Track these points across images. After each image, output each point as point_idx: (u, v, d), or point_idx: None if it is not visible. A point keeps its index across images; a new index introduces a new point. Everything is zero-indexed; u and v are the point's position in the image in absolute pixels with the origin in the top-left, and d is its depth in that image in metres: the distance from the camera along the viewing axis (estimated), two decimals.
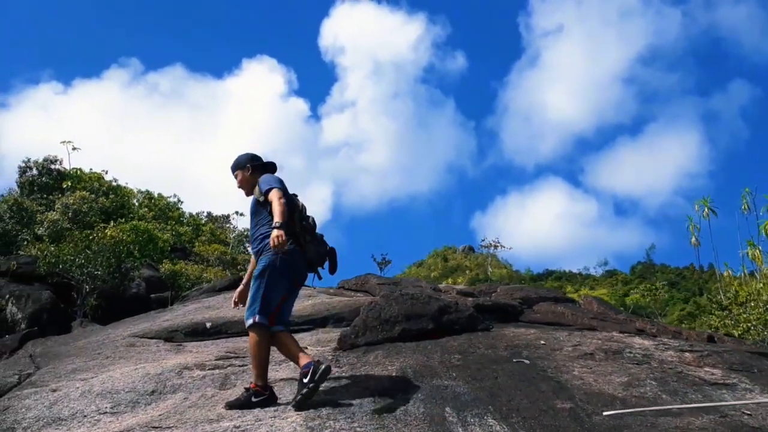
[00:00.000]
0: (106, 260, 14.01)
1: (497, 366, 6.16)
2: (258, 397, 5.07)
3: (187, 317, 10.17)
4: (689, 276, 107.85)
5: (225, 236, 27.93)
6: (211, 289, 15.34)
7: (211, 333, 9.08)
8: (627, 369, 6.20)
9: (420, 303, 7.81)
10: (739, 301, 18.38)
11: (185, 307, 11.77)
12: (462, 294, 11.34)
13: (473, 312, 8.10)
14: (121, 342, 8.52)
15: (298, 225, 5.53)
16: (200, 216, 29.75)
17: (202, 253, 22.37)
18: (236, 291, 5.87)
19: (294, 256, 5.41)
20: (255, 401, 5.04)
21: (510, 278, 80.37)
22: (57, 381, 6.37)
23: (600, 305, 11.08)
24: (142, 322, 10.49)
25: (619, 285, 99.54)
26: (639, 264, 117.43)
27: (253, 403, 5.03)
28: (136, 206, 23.83)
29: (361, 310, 7.79)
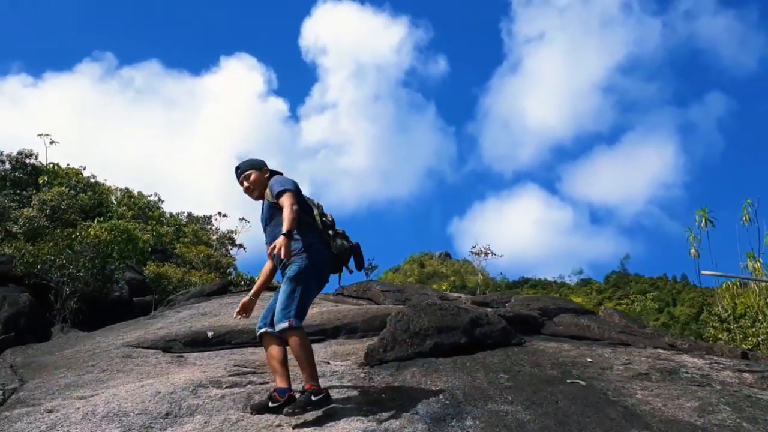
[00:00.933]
0: (89, 261, 13.11)
1: (553, 388, 5.51)
2: (317, 395, 4.77)
3: (183, 325, 9.39)
4: (663, 286, 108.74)
5: (208, 238, 27.07)
6: (200, 294, 14.54)
7: (213, 343, 8.31)
8: (692, 392, 5.59)
9: (450, 314, 7.14)
10: (737, 314, 17.97)
11: (178, 313, 10.97)
12: (477, 304, 10.67)
13: (506, 325, 7.44)
14: (116, 352, 7.71)
15: (320, 221, 5.29)
16: (180, 216, 28.85)
17: (185, 255, 21.51)
18: (241, 302, 5.32)
19: (323, 257, 5.16)
20: (315, 399, 4.74)
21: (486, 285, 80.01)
22: (51, 399, 5.57)
23: (621, 318, 10.50)
24: (133, 330, 9.67)
25: (594, 294, 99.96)
26: (613, 273, 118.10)
27: (314, 402, 4.74)
28: (115, 204, 22.85)
29: (388, 322, 7.09)
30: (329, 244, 5.22)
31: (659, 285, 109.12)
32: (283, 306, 4.84)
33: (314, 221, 5.23)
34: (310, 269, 4.98)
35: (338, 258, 5.28)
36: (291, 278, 4.90)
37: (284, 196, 5.00)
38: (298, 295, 4.87)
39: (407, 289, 12.93)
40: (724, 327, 17.82)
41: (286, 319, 4.77)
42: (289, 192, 5.04)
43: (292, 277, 4.90)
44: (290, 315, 4.79)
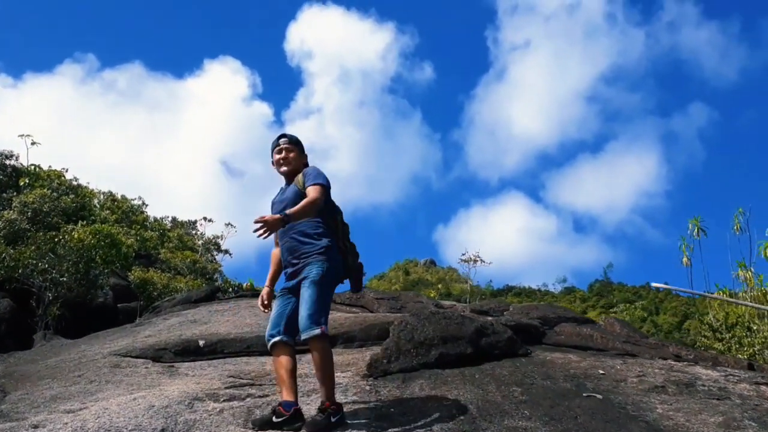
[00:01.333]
0: (73, 266, 12.68)
1: (570, 402, 5.23)
2: (336, 416, 4.51)
3: (173, 333, 9.04)
4: (645, 295, 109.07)
5: (193, 243, 26.62)
6: (187, 301, 14.15)
7: (205, 352, 7.97)
8: (713, 406, 5.34)
9: (455, 323, 6.85)
10: (729, 323, 17.84)
11: (166, 320, 10.60)
12: (476, 312, 10.39)
13: (512, 335, 7.16)
14: (103, 362, 7.35)
15: (340, 230, 5.03)
16: (164, 221, 28.37)
17: (169, 260, 21.07)
18: (264, 293, 5.08)
19: (339, 263, 4.90)
20: (335, 420, 4.49)
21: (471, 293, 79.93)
22: (36, 413, 5.21)
23: (623, 327, 10.25)
24: (120, 338, 9.30)
25: (578, 302, 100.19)
26: (597, 282, 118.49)
27: (334, 423, 4.47)
28: (98, 208, 22.35)
29: (391, 331, 6.80)
30: (344, 253, 4.97)
31: (642, 294, 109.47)
32: (312, 311, 4.51)
33: (336, 226, 4.97)
34: (331, 272, 4.73)
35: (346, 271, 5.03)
36: (316, 282, 4.60)
37: (316, 187, 4.74)
38: (324, 300, 4.61)
39: (402, 297, 12.63)
40: (716, 336, 17.67)
41: (318, 325, 4.48)
42: (322, 187, 4.79)
43: (317, 281, 4.61)
44: (322, 321, 4.51)
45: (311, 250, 4.74)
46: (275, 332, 4.73)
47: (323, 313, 4.58)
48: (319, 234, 4.80)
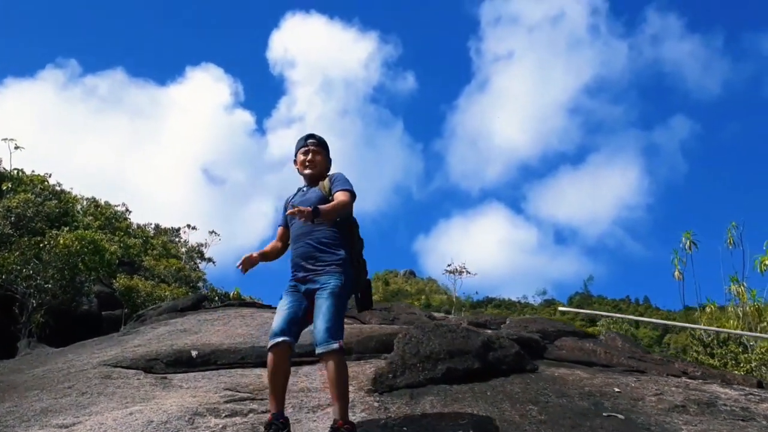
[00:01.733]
0: (58, 272, 12.31)
1: (591, 422, 5.00)
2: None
3: (163, 343, 8.71)
4: (625, 308, 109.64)
5: (176, 251, 26.21)
6: (173, 309, 13.78)
7: (198, 363, 7.66)
8: (741, 428, 5.16)
9: (461, 337, 6.62)
10: (721, 338, 17.74)
11: (155, 329, 10.25)
12: (475, 325, 10.14)
13: (519, 349, 6.92)
14: (93, 372, 7.02)
15: (356, 244, 4.85)
16: (148, 228, 27.93)
17: (153, 268, 20.68)
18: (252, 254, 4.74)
19: (352, 278, 4.71)
20: None
21: (450, 304, 79.76)
22: (26, 427, 4.91)
23: (624, 342, 10.04)
24: (108, 347, 8.96)
25: (557, 315, 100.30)
26: (577, 294, 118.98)
27: None
28: (81, 214, 21.92)
29: (396, 344, 6.54)
30: (357, 269, 4.76)
31: (622, 307, 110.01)
32: (330, 324, 4.29)
33: (352, 239, 4.78)
34: (348, 286, 4.57)
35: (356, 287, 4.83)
36: (335, 294, 4.42)
37: (345, 193, 4.63)
38: (342, 314, 4.45)
39: (394, 308, 12.37)
40: (707, 351, 17.56)
41: (336, 340, 4.26)
42: (352, 194, 4.68)
43: (337, 293, 4.43)
44: (340, 336, 4.31)
45: (329, 260, 4.56)
46: (286, 330, 4.43)
47: (341, 327, 4.39)
48: (337, 245, 4.63)
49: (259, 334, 9.35)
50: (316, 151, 4.87)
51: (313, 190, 4.79)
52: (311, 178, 4.86)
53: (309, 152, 4.86)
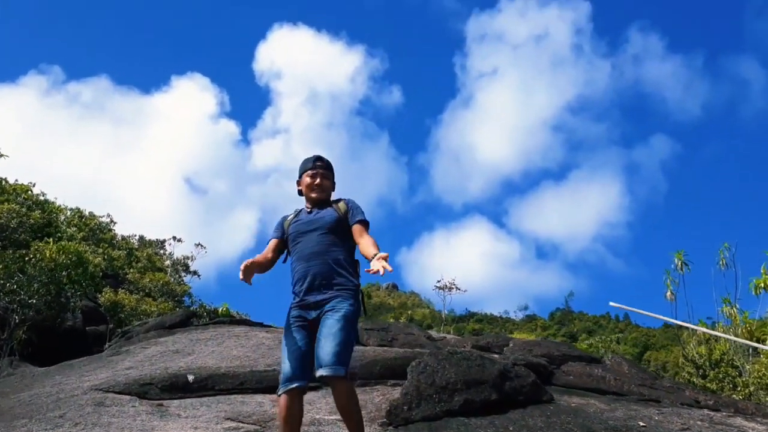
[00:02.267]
0: (43, 287, 11.85)
1: None
2: None
3: (156, 365, 8.33)
4: (606, 325, 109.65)
5: (161, 263, 25.71)
6: (161, 326, 13.35)
7: (195, 389, 7.30)
8: None
9: (476, 365, 6.31)
10: (713, 360, 17.56)
11: (145, 349, 9.85)
12: (477, 348, 9.84)
13: (535, 379, 6.62)
14: (85, 399, 6.63)
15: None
16: (132, 239, 27.41)
17: (138, 281, 20.19)
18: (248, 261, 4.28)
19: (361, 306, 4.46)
20: None
21: (433, 318, 79.46)
22: None
23: (631, 367, 9.76)
24: (98, 368, 8.56)
25: (539, 331, 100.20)
26: (558, 310, 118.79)
27: None
28: (65, 225, 21.39)
29: (409, 372, 6.21)
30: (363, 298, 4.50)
31: (602, 323, 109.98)
32: (340, 348, 3.98)
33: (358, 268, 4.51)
34: (358, 314, 4.31)
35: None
36: (348, 318, 4.13)
37: (365, 227, 4.46)
38: (351, 339, 4.14)
39: (392, 328, 12.02)
40: (699, 373, 17.36)
41: (343, 365, 3.95)
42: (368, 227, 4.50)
43: (350, 317, 4.15)
44: (347, 362, 4.01)
45: (346, 283, 4.30)
46: (299, 375, 4.11)
47: (349, 353, 4.10)
48: (354, 270, 4.41)
49: (256, 356, 8.99)
50: (324, 175, 4.64)
51: (326, 211, 4.53)
52: (316, 202, 4.61)
53: (318, 176, 4.62)
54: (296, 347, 4.17)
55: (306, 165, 4.67)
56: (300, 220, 4.58)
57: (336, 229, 4.41)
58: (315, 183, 4.58)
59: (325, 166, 4.66)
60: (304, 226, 4.47)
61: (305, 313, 4.26)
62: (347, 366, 3.99)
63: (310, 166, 4.64)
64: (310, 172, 4.62)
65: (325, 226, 4.40)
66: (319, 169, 4.62)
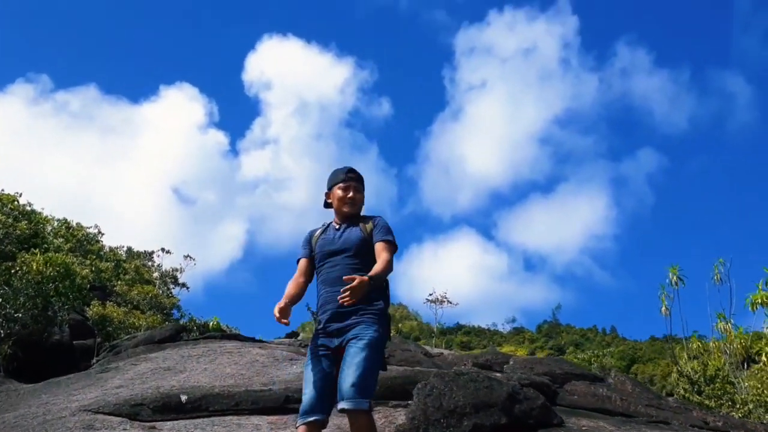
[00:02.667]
0: (30, 300, 11.52)
1: None
2: None
3: (147, 384, 8.04)
4: (593, 337, 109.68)
5: (150, 276, 25.33)
6: (150, 341, 13.04)
7: (188, 410, 7.01)
8: None
9: (484, 387, 6.07)
10: (708, 376, 17.41)
11: (135, 366, 9.55)
12: (479, 366, 9.60)
13: (545, 401, 6.39)
14: (73, 421, 6.32)
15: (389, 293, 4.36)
16: (119, 250, 27.01)
17: (126, 293, 19.83)
18: (282, 304, 4.12)
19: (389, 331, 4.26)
20: None
21: (421, 331, 79.19)
22: None
23: (634, 386, 9.56)
24: (86, 387, 8.25)
25: (526, 343, 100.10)
26: (545, 323, 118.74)
27: None
28: (51, 235, 21.00)
29: (415, 394, 5.97)
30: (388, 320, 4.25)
31: (589, 336, 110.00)
32: (362, 379, 3.76)
33: (387, 288, 4.27)
34: (385, 339, 4.11)
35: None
36: (372, 346, 3.92)
37: (388, 247, 4.18)
38: (376, 369, 3.94)
39: (388, 344, 11.75)
40: (694, 389, 17.20)
41: (367, 398, 3.73)
42: (395, 247, 4.25)
43: (374, 345, 3.94)
44: (371, 394, 3.79)
45: (370, 308, 4.05)
46: (317, 408, 3.89)
47: (374, 384, 3.87)
48: (376, 295, 4.11)
49: (250, 374, 8.72)
50: (357, 188, 4.39)
51: (353, 230, 4.28)
52: (347, 217, 4.36)
53: (350, 189, 4.36)
54: (317, 378, 3.96)
55: (337, 177, 4.42)
56: (327, 237, 4.36)
57: (361, 251, 4.20)
58: (348, 197, 4.33)
59: (357, 178, 4.42)
60: (331, 246, 4.27)
61: (328, 341, 4.05)
62: (371, 397, 3.77)
63: (343, 177, 4.39)
64: (342, 184, 4.37)
65: (352, 248, 4.19)
66: (351, 182, 4.37)
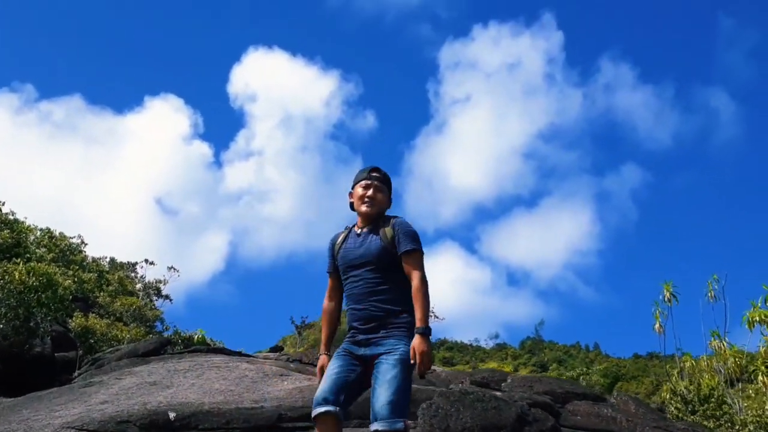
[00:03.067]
0: (12, 311, 11.12)
1: None
2: None
3: (133, 399, 7.67)
4: (576, 354, 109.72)
5: (133, 287, 24.87)
6: (134, 354, 12.64)
7: (177, 427, 6.69)
8: None
9: (492, 408, 5.80)
10: (702, 395, 17.19)
11: (120, 380, 9.16)
12: (477, 384, 9.30)
13: (555, 422, 6.12)
14: None
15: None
16: (102, 261, 26.52)
17: (109, 305, 19.39)
18: (322, 362, 4.10)
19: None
20: None
21: None
22: None
23: (638, 406, 9.29)
24: (69, 402, 7.86)
25: (509, 359, 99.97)
26: (528, 339, 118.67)
27: None
28: (34, 245, 20.54)
29: (420, 416, 5.66)
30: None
31: (572, 353, 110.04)
32: (396, 398, 3.60)
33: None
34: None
35: None
36: (404, 361, 3.72)
37: (417, 260, 3.93)
38: (409, 386, 3.76)
39: None
40: (688, 409, 16.97)
41: (401, 418, 3.59)
42: (422, 254, 3.96)
43: (406, 360, 3.72)
44: (406, 413, 3.64)
45: (397, 322, 3.85)
46: (330, 399, 3.71)
47: (407, 402, 3.68)
48: (405, 308, 3.91)
49: (240, 390, 8.38)
50: (378, 188, 4.16)
51: (372, 238, 4.05)
52: (367, 218, 4.13)
53: (371, 187, 4.15)
54: (332, 372, 3.82)
55: (360, 175, 4.24)
56: (348, 246, 4.15)
57: (383, 263, 3.97)
58: (367, 194, 4.13)
59: (381, 178, 4.20)
60: (352, 255, 4.07)
61: (353, 348, 3.92)
62: (405, 417, 3.58)
63: (365, 176, 4.20)
64: (363, 182, 4.18)
65: (372, 260, 3.97)
66: (374, 180, 4.17)
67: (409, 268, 3.90)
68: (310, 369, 11.21)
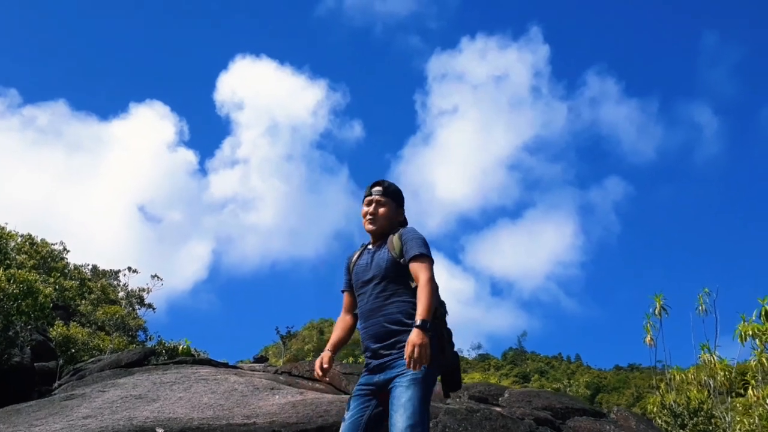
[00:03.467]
0: None
1: None
2: None
3: (118, 413, 7.33)
4: (558, 365, 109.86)
5: (115, 295, 24.42)
6: (116, 364, 12.27)
7: None
8: None
9: (501, 427, 5.55)
10: (691, 408, 17.04)
11: (103, 393, 8.80)
12: (475, 399, 9.03)
13: None
14: None
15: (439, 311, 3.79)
16: (84, 269, 26.06)
17: (90, 313, 18.98)
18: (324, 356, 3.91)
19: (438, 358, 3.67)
20: None
21: None
22: None
23: (638, 422, 9.06)
24: (49, 416, 7.50)
25: (492, 370, 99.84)
26: (511, 350, 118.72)
27: None
28: (14, 251, 20.09)
29: None
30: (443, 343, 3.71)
31: (554, 364, 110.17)
32: (414, 421, 3.40)
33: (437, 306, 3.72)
34: (433, 368, 3.59)
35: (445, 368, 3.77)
36: (418, 381, 3.51)
37: (423, 263, 3.68)
38: (428, 406, 3.55)
39: None
40: (677, 422, 16.80)
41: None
42: (431, 261, 3.72)
43: (420, 379, 3.51)
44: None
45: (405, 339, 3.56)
46: None
47: (426, 424, 3.48)
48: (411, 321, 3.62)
49: (230, 404, 8.06)
50: (380, 203, 3.96)
51: (381, 251, 3.86)
52: (375, 236, 3.95)
53: (372, 203, 3.96)
54: (348, 416, 3.67)
55: (364, 192, 4.05)
56: (360, 264, 3.97)
57: (390, 275, 3.77)
58: (369, 211, 3.95)
59: (382, 192, 3.98)
60: (362, 270, 3.90)
61: (368, 378, 3.73)
62: None
63: (366, 193, 4.02)
64: (366, 199, 4.01)
65: (380, 273, 3.79)
66: (375, 195, 3.96)
67: (416, 272, 3.68)
68: (301, 382, 10.91)
